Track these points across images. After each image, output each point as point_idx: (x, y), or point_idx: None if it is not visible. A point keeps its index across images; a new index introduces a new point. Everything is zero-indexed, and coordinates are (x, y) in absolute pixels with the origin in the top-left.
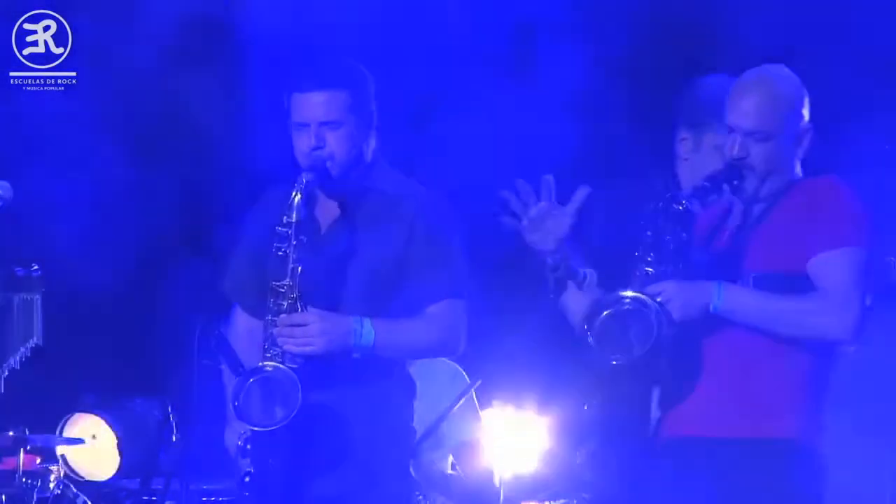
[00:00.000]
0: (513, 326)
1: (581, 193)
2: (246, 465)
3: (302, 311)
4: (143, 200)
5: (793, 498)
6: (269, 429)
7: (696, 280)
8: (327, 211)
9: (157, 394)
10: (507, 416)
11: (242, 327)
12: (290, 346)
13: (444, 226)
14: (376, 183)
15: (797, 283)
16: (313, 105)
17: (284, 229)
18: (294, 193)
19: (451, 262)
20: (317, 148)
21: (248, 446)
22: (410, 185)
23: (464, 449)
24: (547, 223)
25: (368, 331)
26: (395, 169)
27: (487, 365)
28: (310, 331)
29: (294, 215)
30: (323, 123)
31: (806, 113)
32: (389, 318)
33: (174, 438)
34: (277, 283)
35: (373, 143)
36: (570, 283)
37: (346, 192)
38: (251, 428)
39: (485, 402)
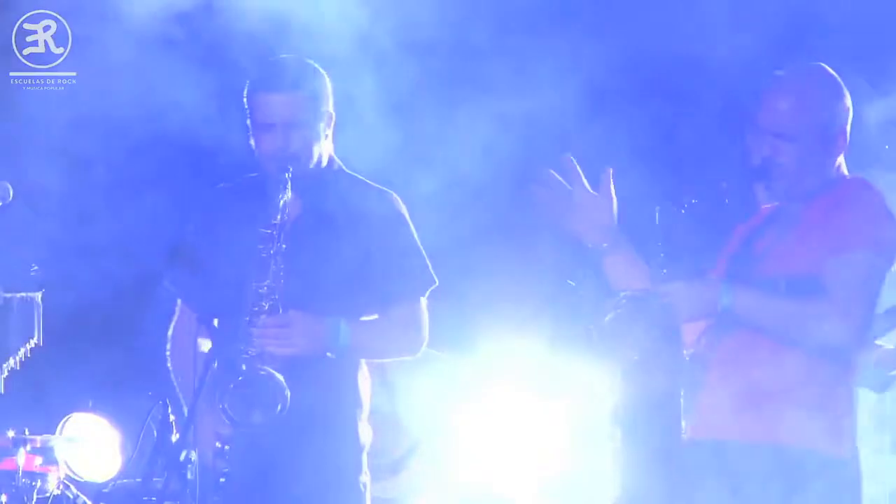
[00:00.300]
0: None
1: (607, 176)
2: (222, 466)
3: (283, 312)
4: (143, 200)
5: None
6: (251, 429)
7: (706, 279)
8: (291, 208)
9: (157, 394)
10: (509, 412)
11: (185, 323)
12: (272, 347)
13: (403, 226)
14: (336, 185)
15: (808, 287)
16: (280, 105)
17: (269, 231)
18: (281, 195)
19: (414, 263)
20: (283, 149)
21: (227, 447)
22: (368, 187)
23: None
24: (591, 213)
25: (345, 332)
26: (352, 171)
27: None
28: (292, 332)
29: (279, 217)
30: (288, 124)
31: (842, 113)
32: (356, 318)
33: (174, 438)
34: (258, 284)
35: (331, 145)
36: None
37: (307, 193)
38: (235, 427)
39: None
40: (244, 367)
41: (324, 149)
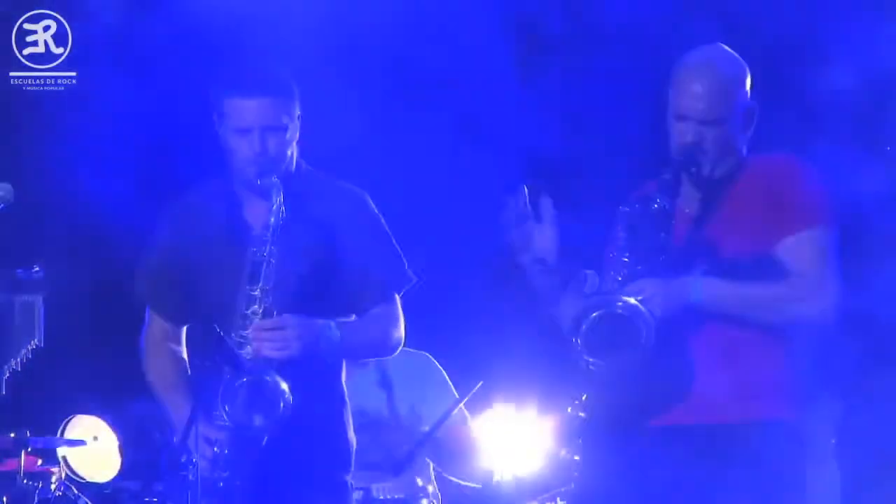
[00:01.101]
0: (513, 328)
1: (547, 205)
2: (221, 472)
3: (276, 315)
4: (143, 200)
5: (778, 476)
6: (251, 433)
7: (668, 275)
8: (258, 214)
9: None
10: (508, 417)
11: (157, 330)
12: (267, 351)
13: (376, 226)
14: (308, 187)
15: (765, 266)
16: (257, 110)
17: (264, 234)
18: (275, 199)
19: (387, 262)
20: (263, 153)
21: (226, 451)
22: (339, 187)
23: (451, 454)
24: (533, 242)
25: (335, 333)
26: (318, 170)
27: (488, 366)
28: (287, 335)
29: (272, 219)
30: (266, 128)
31: (749, 90)
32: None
33: (175, 440)
34: (251, 288)
35: (295, 149)
36: (566, 289)
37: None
38: (238, 429)
39: (485, 403)
40: (246, 371)
41: (295, 152)
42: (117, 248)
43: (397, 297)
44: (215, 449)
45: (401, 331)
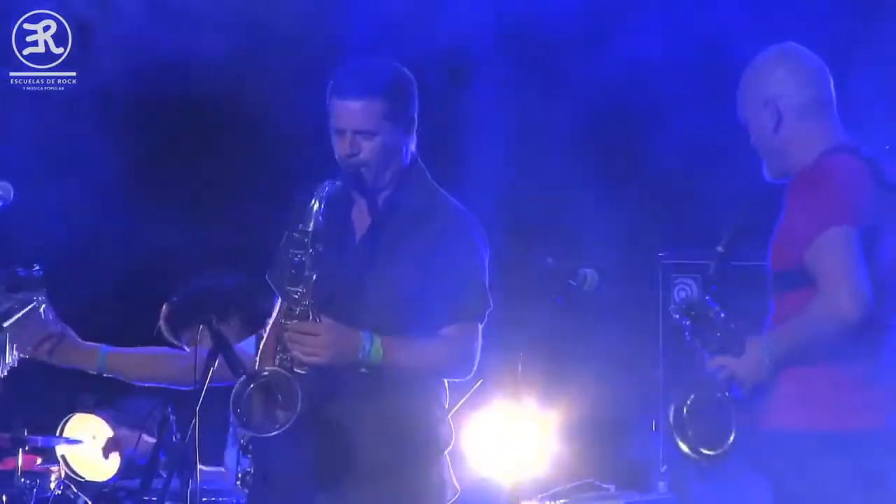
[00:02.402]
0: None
1: None
2: (246, 464)
3: (314, 319)
4: (143, 200)
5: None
6: (269, 434)
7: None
8: (362, 219)
9: (156, 394)
10: (509, 413)
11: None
12: (298, 354)
13: (469, 247)
14: (408, 195)
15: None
16: (349, 113)
17: (300, 236)
18: (313, 201)
19: (473, 285)
20: (352, 155)
21: (250, 446)
22: (440, 201)
23: None
24: None
25: (377, 349)
26: (429, 177)
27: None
28: (318, 341)
29: (311, 223)
30: (357, 132)
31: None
32: (404, 335)
33: (174, 439)
34: (292, 289)
35: (412, 146)
36: None
37: (378, 201)
38: (251, 434)
39: (485, 401)
40: (259, 370)
41: (400, 154)
42: (118, 247)
43: (476, 325)
44: (242, 441)
45: (471, 358)
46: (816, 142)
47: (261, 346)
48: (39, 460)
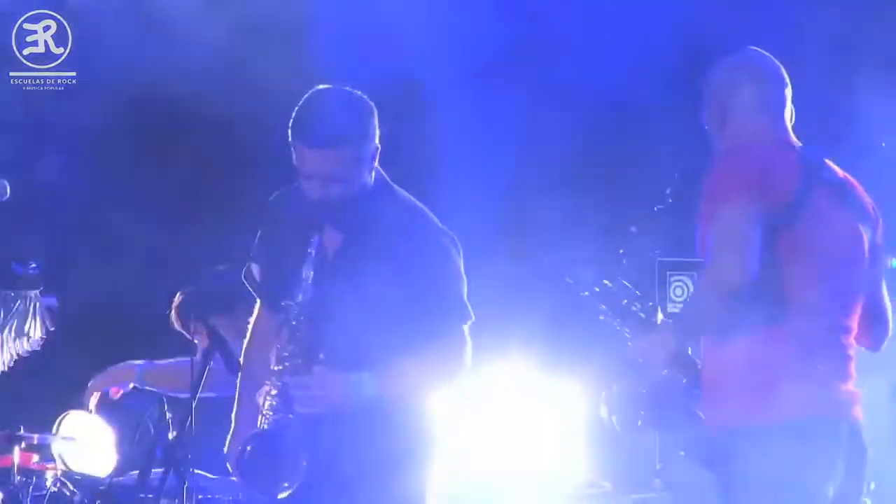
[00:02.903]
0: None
1: None
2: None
3: (305, 363)
4: (143, 200)
5: (742, 484)
6: (275, 496)
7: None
8: (333, 238)
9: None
10: (507, 412)
11: (264, 322)
12: (297, 405)
13: (445, 255)
14: (378, 210)
15: None
16: (319, 162)
17: (308, 251)
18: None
19: (455, 291)
20: (324, 197)
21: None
22: (411, 212)
23: None
24: None
25: (369, 386)
26: (395, 187)
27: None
28: (310, 394)
29: (313, 250)
30: (328, 178)
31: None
32: (385, 350)
33: (171, 436)
34: (287, 303)
35: (376, 164)
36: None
37: (349, 220)
38: (256, 494)
39: (482, 400)
40: (260, 427)
41: (368, 178)
42: (116, 246)
43: (464, 326)
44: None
45: (464, 360)
46: (755, 139)
47: (244, 344)
48: (36, 458)
